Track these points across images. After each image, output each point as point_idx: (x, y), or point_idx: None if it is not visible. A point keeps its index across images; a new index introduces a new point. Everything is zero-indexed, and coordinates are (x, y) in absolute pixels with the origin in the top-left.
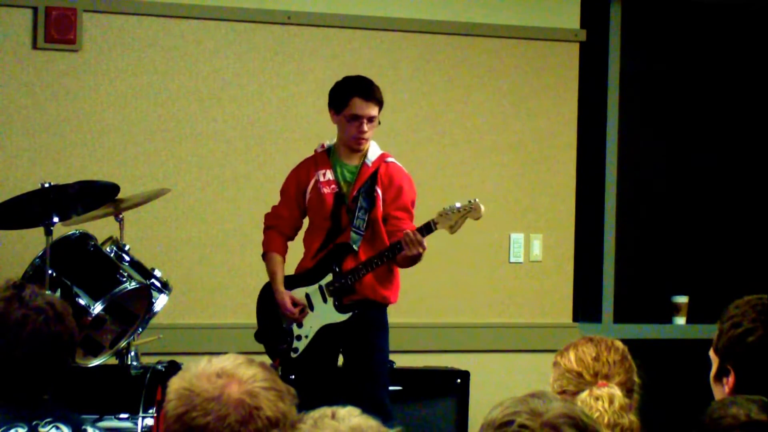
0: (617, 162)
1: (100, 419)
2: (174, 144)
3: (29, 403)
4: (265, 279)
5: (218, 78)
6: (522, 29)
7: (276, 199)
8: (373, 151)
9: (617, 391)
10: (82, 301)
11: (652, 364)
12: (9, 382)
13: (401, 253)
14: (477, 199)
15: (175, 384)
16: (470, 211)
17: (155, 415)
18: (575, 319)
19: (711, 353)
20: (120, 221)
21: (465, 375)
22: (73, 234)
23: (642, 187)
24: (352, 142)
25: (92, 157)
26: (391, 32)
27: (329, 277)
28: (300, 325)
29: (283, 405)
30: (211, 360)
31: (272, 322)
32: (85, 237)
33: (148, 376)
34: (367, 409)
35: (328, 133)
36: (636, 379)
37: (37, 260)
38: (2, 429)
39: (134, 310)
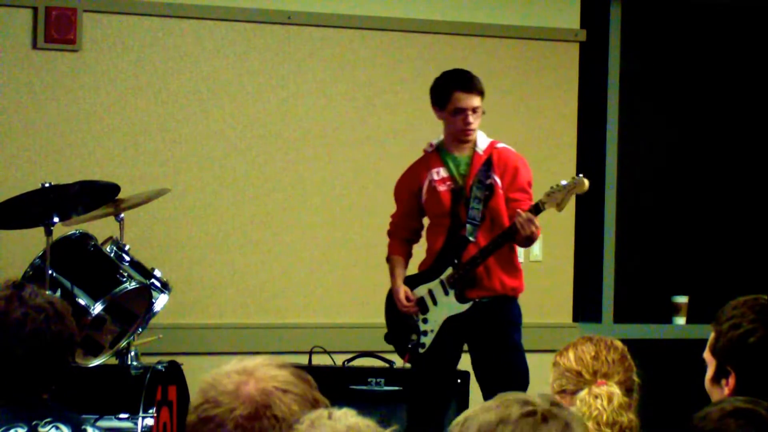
0: (617, 162)
1: (100, 419)
2: (174, 144)
3: (29, 402)
4: (264, 278)
5: (218, 78)
6: (522, 29)
7: (275, 198)
8: (482, 140)
9: (616, 390)
10: (82, 301)
11: (652, 364)
12: (9, 382)
13: (517, 235)
14: (582, 175)
15: (203, 379)
16: (575, 186)
17: (155, 415)
18: (575, 319)
19: (706, 355)
20: (120, 221)
21: (465, 375)
22: (73, 234)
23: (642, 187)
24: (461, 135)
25: (92, 157)
26: (391, 32)
27: (449, 270)
28: (426, 321)
29: (297, 408)
30: (242, 359)
31: (400, 320)
32: (85, 237)
33: (148, 376)
34: None
35: (327, 133)
36: (635, 378)
37: (37, 260)
38: (2, 429)
39: (134, 310)
